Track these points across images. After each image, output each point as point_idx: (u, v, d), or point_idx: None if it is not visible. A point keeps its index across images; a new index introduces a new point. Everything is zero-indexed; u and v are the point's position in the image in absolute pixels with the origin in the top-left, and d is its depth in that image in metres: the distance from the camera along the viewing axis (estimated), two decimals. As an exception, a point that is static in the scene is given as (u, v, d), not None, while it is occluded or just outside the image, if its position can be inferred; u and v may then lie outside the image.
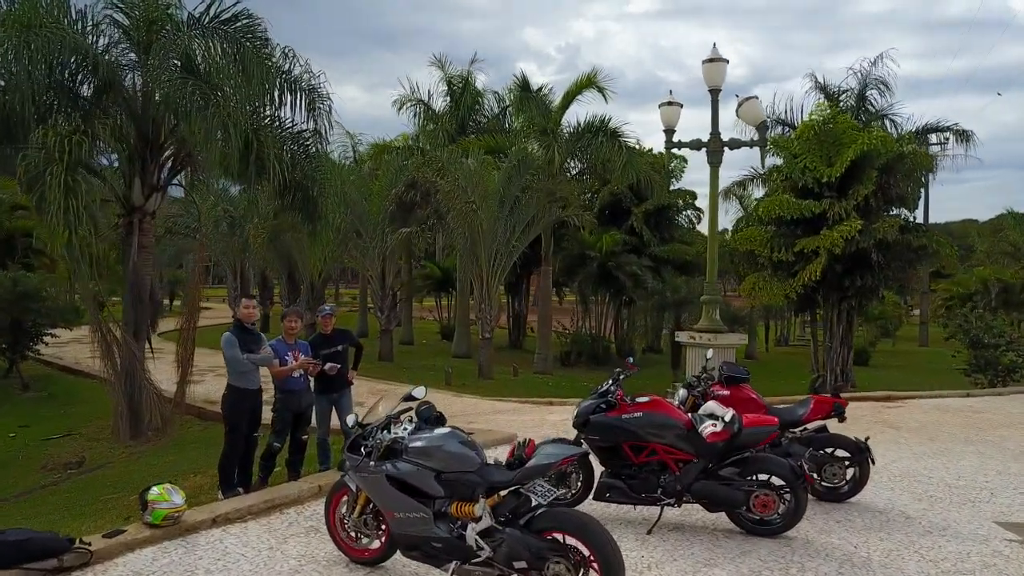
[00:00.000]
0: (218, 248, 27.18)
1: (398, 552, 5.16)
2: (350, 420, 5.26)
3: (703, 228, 32.06)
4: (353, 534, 5.36)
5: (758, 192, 22.19)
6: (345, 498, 5.38)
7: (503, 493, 4.66)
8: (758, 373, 10.53)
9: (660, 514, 6.38)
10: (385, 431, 5.06)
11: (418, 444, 4.91)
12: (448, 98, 25.68)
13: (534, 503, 4.58)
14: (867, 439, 7.26)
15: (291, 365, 7.33)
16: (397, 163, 21.78)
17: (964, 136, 20.06)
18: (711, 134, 13.07)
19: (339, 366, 7.68)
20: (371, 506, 5.23)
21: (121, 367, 12.64)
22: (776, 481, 6.17)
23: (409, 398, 5.35)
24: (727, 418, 6.10)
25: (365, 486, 5.06)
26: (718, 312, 13.13)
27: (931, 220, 31.39)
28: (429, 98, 25.89)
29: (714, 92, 13.05)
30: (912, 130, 19.81)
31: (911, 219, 19.36)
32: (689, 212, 29.94)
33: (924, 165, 17.84)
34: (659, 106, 13.37)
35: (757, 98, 12.98)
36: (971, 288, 26.09)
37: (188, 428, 12.92)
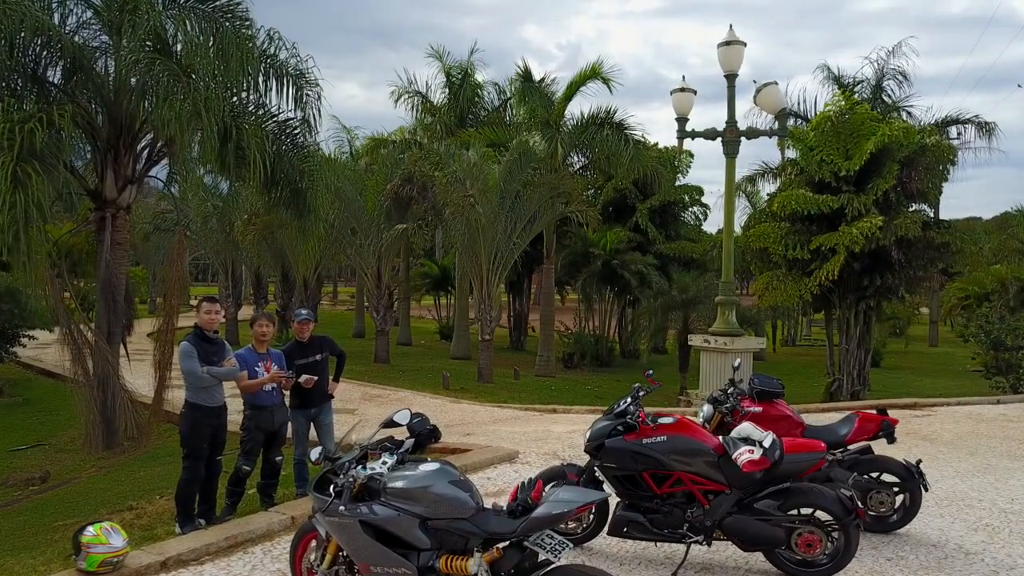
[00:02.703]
0: (209, 245, 26.30)
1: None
2: (314, 454, 4.35)
3: (709, 227, 31.18)
4: (324, 587, 4.47)
5: (769, 188, 21.30)
6: (314, 542, 4.49)
7: (503, 546, 3.78)
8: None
9: (686, 553, 5.48)
10: (360, 466, 4.17)
11: (399, 484, 4.01)
12: (447, 90, 24.76)
13: (541, 559, 3.70)
14: (919, 462, 6.38)
15: (261, 378, 6.43)
16: (393, 157, 20.89)
17: (986, 128, 19.14)
18: (727, 123, 12.21)
19: (316, 378, 6.78)
20: (343, 554, 4.34)
21: (93, 373, 11.80)
22: (822, 515, 5.29)
23: (390, 424, 4.46)
24: (766, 443, 5.20)
25: (335, 533, 4.17)
26: (734, 314, 12.23)
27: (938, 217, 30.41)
28: (427, 90, 24.99)
29: (730, 78, 12.21)
30: (933, 122, 18.91)
31: (931, 215, 18.46)
32: (695, 209, 29.03)
33: (947, 158, 16.94)
34: (671, 92, 12.51)
35: (776, 84, 12.09)
36: (988, 287, 25.17)
37: (166, 438, 12.02)
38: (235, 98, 11.84)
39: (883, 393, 18.31)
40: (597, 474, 5.64)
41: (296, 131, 12.95)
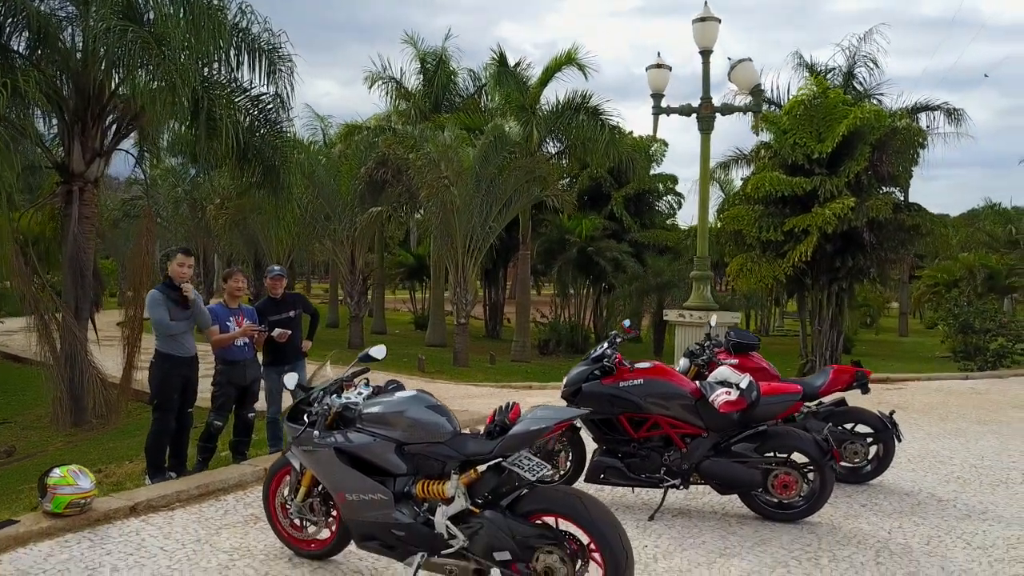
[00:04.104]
0: (180, 232, 25.93)
1: (352, 544, 4.23)
2: (291, 381, 4.28)
3: (683, 217, 31.32)
4: (297, 521, 4.40)
5: (743, 173, 21.41)
6: (288, 478, 4.42)
7: (481, 468, 3.73)
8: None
9: (663, 497, 5.50)
10: (335, 396, 4.11)
11: (375, 409, 3.96)
12: (421, 76, 24.61)
13: (520, 480, 3.66)
14: (892, 413, 6.46)
15: (233, 332, 6.33)
16: (367, 140, 20.73)
17: (955, 115, 19.42)
18: (702, 98, 12.21)
19: (289, 332, 6.69)
20: (319, 488, 4.28)
21: (61, 349, 11.57)
22: (798, 458, 5.32)
23: (366, 358, 4.41)
24: (743, 385, 5.21)
25: (309, 462, 4.10)
26: (709, 289, 12.27)
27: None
28: (401, 76, 24.80)
29: (705, 54, 12.20)
30: (904, 108, 19.14)
31: (901, 198, 18.68)
32: (670, 198, 29.10)
33: (917, 141, 17.14)
34: (646, 69, 12.49)
35: (751, 60, 12.12)
36: (956, 274, 25.67)
37: (136, 416, 11.81)
38: (206, 69, 11.69)
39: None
40: (582, 408, 5.62)
41: (269, 106, 12.79)
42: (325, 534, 4.37)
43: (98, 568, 4.15)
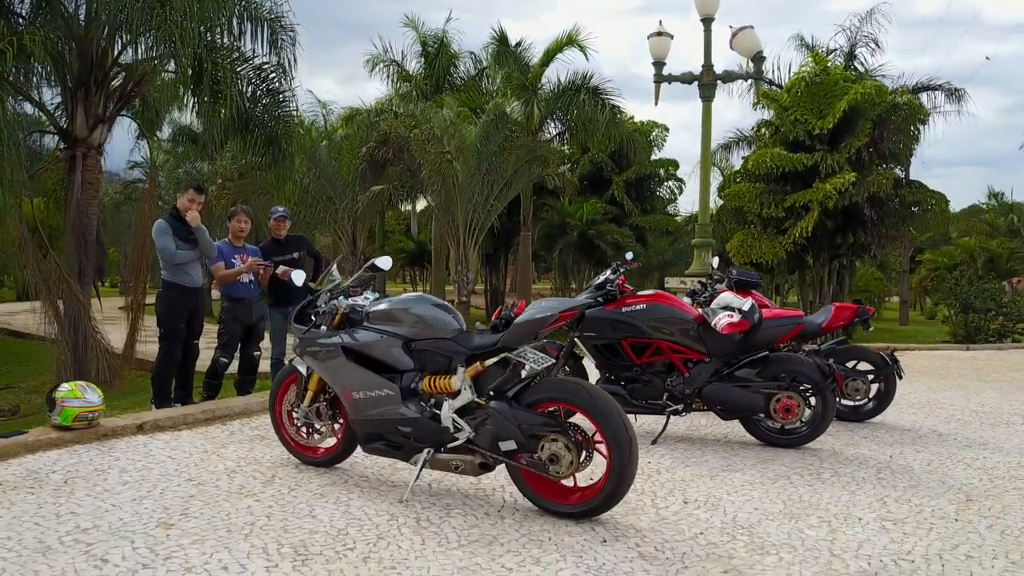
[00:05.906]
0: (181, 216, 25.91)
1: (358, 452, 4.26)
2: (299, 278, 4.31)
3: (682, 207, 31.30)
4: (304, 429, 4.43)
5: (744, 153, 21.40)
6: (294, 386, 4.45)
7: (487, 363, 3.76)
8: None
9: (666, 422, 5.53)
10: (342, 297, 4.14)
11: (382, 307, 4.00)
12: (422, 59, 24.59)
13: (526, 371, 3.69)
14: (894, 351, 6.50)
15: (238, 268, 6.36)
16: (369, 120, 20.71)
17: (956, 94, 19.41)
18: (703, 66, 12.26)
19: (293, 271, 6.72)
20: (325, 394, 4.31)
21: (65, 314, 11.60)
22: (801, 385, 5.34)
23: (373, 268, 4.43)
24: (745, 308, 5.25)
25: (315, 363, 4.13)
26: (711, 255, 12.31)
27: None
28: (403, 59, 24.78)
29: (706, 21, 12.26)
30: (905, 86, 19.13)
31: (902, 176, 18.68)
32: (671, 183, 29.11)
33: (918, 117, 17.16)
34: (648, 37, 12.53)
35: (752, 28, 12.17)
36: (956, 258, 25.69)
37: (138, 382, 11.84)
38: (209, 35, 11.71)
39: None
40: (577, 348, 5.66)
41: (272, 75, 12.81)
42: (331, 441, 4.40)
43: (107, 470, 4.18)
